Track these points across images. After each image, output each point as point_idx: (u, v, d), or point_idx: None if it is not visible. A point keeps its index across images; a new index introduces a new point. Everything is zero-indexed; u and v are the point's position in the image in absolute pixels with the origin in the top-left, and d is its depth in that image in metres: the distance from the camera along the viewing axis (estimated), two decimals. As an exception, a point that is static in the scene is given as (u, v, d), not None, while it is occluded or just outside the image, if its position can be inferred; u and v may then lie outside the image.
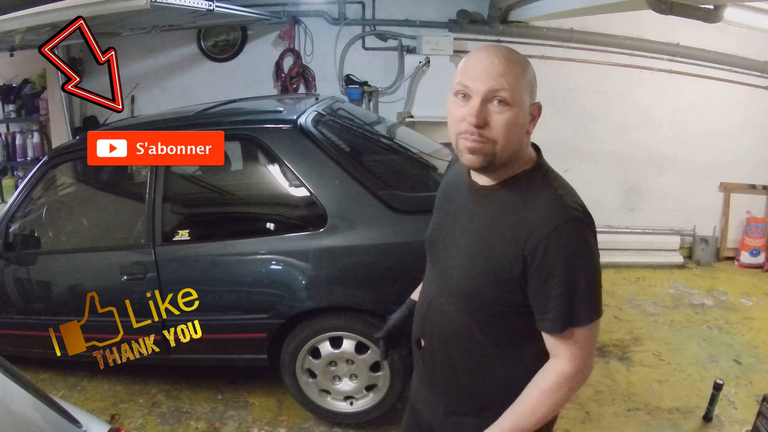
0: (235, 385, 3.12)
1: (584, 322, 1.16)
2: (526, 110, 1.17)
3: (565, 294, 1.13)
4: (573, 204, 1.15)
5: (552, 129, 4.92)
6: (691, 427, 2.81)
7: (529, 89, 1.17)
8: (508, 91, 1.12)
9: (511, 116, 1.14)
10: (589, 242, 1.14)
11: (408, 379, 2.65)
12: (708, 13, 2.68)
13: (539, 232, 1.12)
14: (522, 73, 1.15)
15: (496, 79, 1.12)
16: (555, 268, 1.12)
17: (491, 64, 1.13)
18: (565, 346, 1.17)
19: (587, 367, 1.19)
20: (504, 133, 1.14)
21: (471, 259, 1.23)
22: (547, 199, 1.15)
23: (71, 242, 3.14)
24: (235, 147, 3.05)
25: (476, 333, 1.26)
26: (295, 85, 5.08)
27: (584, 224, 1.14)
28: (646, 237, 5.15)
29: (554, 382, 1.18)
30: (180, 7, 2.95)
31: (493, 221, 1.20)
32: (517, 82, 1.14)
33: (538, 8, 4.09)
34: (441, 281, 1.33)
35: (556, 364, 1.19)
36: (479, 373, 1.30)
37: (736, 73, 4.85)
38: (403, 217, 2.44)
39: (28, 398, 1.45)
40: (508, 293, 1.19)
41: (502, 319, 1.23)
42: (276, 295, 2.55)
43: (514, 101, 1.13)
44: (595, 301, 1.16)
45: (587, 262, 1.14)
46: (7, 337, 3.00)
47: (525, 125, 1.18)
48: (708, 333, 3.80)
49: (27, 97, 4.97)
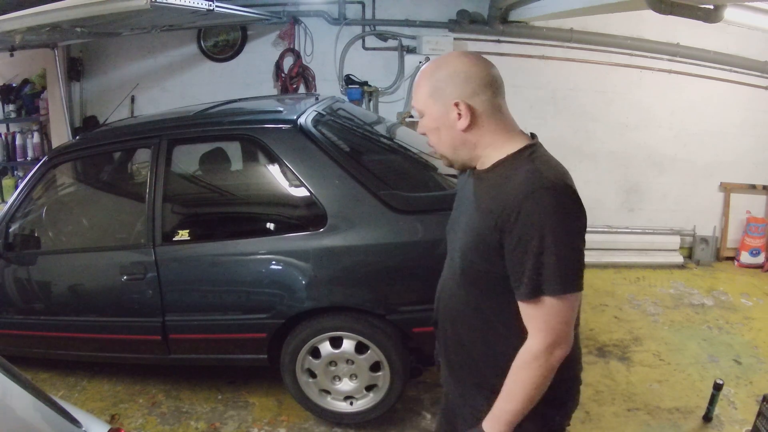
0: (235, 385, 3.12)
1: (555, 292, 1.14)
2: (437, 114, 1.26)
3: (534, 259, 1.13)
4: (549, 176, 1.16)
5: (552, 129, 4.93)
6: (691, 427, 2.81)
7: (434, 95, 1.25)
8: (416, 106, 1.30)
9: (426, 124, 1.30)
10: (561, 211, 1.13)
11: (408, 379, 2.66)
12: (708, 13, 2.67)
13: (513, 200, 1.15)
14: (426, 82, 1.26)
15: (413, 97, 1.32)
16: (526, 235, 1.13)
17: (413, 84, 1.33)
18: (535, 317, 1.18)
19: (558, 343, 1.18)
20: (433, 139, 1.31)
21: (464, 236, 1.30)
22: (525, 171, 1.18)
23: (71, 242, 3.14)
24: (235, 147, 3.06)
25: (476, 308, 1.32)
26: (295, 85, 5.08)
27: (557, 194, 1.13)
28: (646, 237, 5.15)
29: (524, 360, 1.20)
30: (180, 7, 2.95)
31: (480, 199, 1.26)
32: (419, 94, 1.28)
33: (538, 8, 4.09)
34: (449, 263, 1.42)
35: (527, 342, 1.20)
36: (484, 348, 1.34)
37: (736, 73, 4.85)
38: (403, 217, 2.44)
39: (28, 398, 1.45)
40: (493, 265, 1.22)
41: (495, 293, 1.27)
42: (276, 295, 2.55)
43: (423, 111, 1.29)
44: (567, 272, 1.14)
45: (558, 230, 1.12)
46: (7, 337, 3.01)
47: (446, 126, 1.26)
48: (708, 333, 3.80)
49: (27, 97, 4.98)
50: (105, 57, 5.14)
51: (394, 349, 2.54)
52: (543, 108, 4.98)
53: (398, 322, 2.51)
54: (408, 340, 2.56)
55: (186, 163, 2.97)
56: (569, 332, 1.20)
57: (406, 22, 4.94)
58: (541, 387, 1.21)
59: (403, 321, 2.49)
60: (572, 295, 1.16)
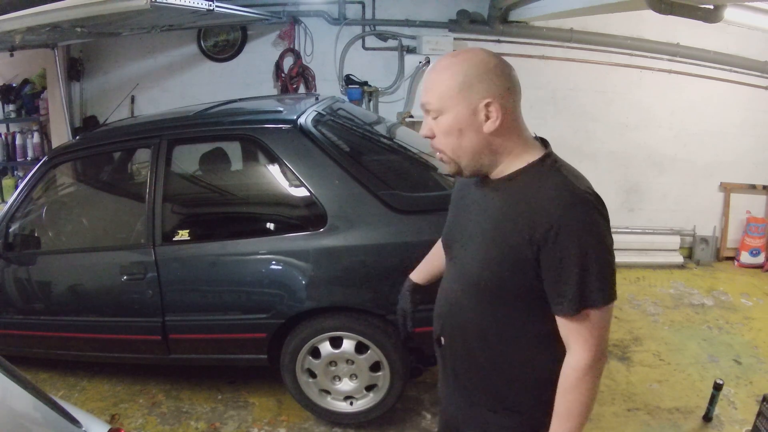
0: (235, 385, 3.12)
1: (598, 304, 1.15)
2: (463, 114, 1.17)
3: (579, 275, 1.13)
4: (583, 188, 1.16)
5: (552, 129, 4.92)
6: (691, 427, 2.81)
7: (463, 92, 1.16)
8: (433, 102, 1.19)
9: (445, 125, 1.19)
10: (599, 224, 1.14)
11: (408, 379, 2.65)
12: (708, 13, 2.68)
13: (550, 215, 1.13)
14: (449, 79, 1.17)
15: (426, 93, 1.21)
16: (567, 250, 1.12)
17: (425, 79, 1.22)
18: (580, 332, 1.17)
19: (603, 353, 1.19)
20: (444, 141, 1.21)
21: (486, 248, 1.24)
22: (556, 184, 1.16)
23: (71, 242, 3.14)
24: (235, 147, 3.06)
25: (494, 324, 1.28)
26: (295, 85, 5.08)
27: (594, 207, 1.15)
28: (646, 237, 5.15)
29: (575, 378, 1.19)
30: (180, 7, 2.95)
31: (506, 210, 1.21)
32: (441, 90, 1.17)
33: (538, 8, 4.09)
34: (459, 276, 1.34)
35: (571, 359, 1.19)
36: (498, 364, 1.31)
37: (736, 73, 4.85)
38: (403, 217, 2.44)
39: (28, 398, 1.45)
40: (523, 278, 1.19)
41: (519, 307, 1.24)
42: (276, 295, 2.55)
43: (443, 110, 1.18)
44: (608, 283, 1.15)
45: (598, 244, 1.14)
46: (7, 337, 3.01)
47: (472, 128, 1.18)
48: (708, 333, 3.80)
49: (27, 97, 4.98)
50: (105, 57, 5.14)
51: (394, 349, 2.54)
52: (543, 108, 4.98)
53: (398, 322, 2.50)
54: (408, 340, 2.56)
55: (186, 163, 2.97)
56: (608, 341, 1.22)
57: (406, 22, 4.94)
58: (595, 398, 1.21)
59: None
60: (612, 304, 1.18)
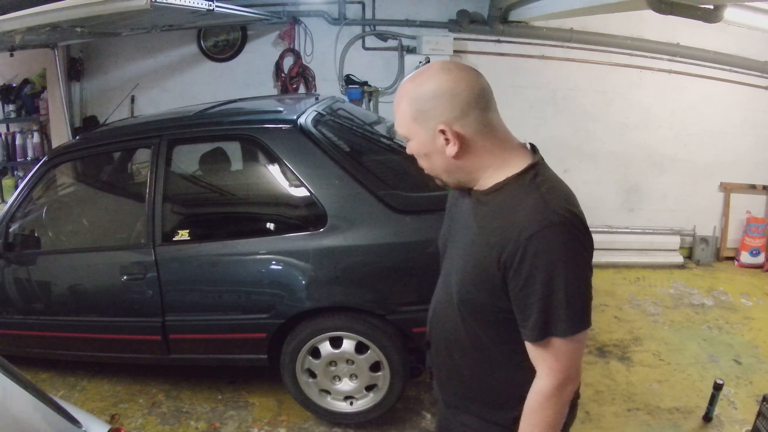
0: (235, 385, 3.12)
1: (564, 333, 1.09)
2: (424, 140, 1.15)
3: (543, 301, 1.07)
4: (557, 208, 1.08)
5: (552, 129, 4.92)
6: (691, 427, 2.81)
7: (417, 120, 1.13)
8: (399, 130, 1.18)
9: (414, 149, 1.20)
10: (570, 248, 1.07)
11: (408, 379, 2.65)
12: (708, 13, 2.67)
13: (517, 237, 1.07)
14: (407, 104, 1.14)
15: (395, 119, 1.20)
16: (532, 275, 1.07)
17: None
18: (544, 358, 1.13)
19: (570, 378, 1.14)
20: (423, 163, 1.21)
21: (463, 264, 1.22)
22: (530, 203, 1.10)
23: (71, 242, 3.14)
24: (235, 147, 3.06)
25: (474, 337, 1.26)
26: (295, 85, 5.08)
27: (566, 230, 1.06)
28: (646, 237, 5.15)
29: (537, 402, 1.15)
30: (180, 7, 2.95)
31: (482, 226, 1.17)
32: (402, 118, 1.16)
33: (538, 8, 4.09)
34: (444, 286, 1.33)
35: (536, 383, 1.16)
36: (480, 376, 1.30)
37: (736, 73, 4.85)
38: (403, 217, 2.44)
39: (28, 398, 1.45)
40: (494, 299, 1.16)
41: (495, 324, 1.21)
42: (276, 295, 2.55)
43: (408, 136, 1.18)
44: (576, 311, 1.09)
45: (569, 270, 1.06)
46: (7, 337, 3.01)
47: (436, 152, 1.15)
48: (708, 333, 3.80)
49: (27, 97, 4.97)
50: (105, 57, 5.14)
51: (394, 349, 2.54)
52: (543, 108, 4.97)
53: (398, 322, 2.51)
54: (408, 340, 2.56)
55: (186, 163, 2.97)
56: (579, 368, 1.16)
57: (406, 22, 4.94)
58: (558, 424, 1.18)
59: (403, 321, 2.49)
60: (582, 333, 1.11)
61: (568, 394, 1.16)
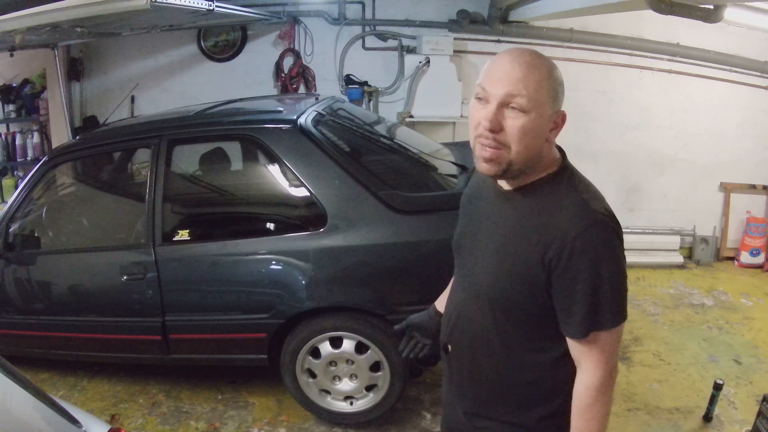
0: (235, 385, 3.12)
1: (609, 326, 1.15)
2: (545, 117, 1.15)
3: (590, 297, 1.13)
4: (598, 208, 1.15)
5: (552, 129, 4.91)
6: (691, 427, 2.81)
7: (552, 96, 1.16)
8: (524, 97, 1.11)
9: (527, 123, 1.12)
10: (614, 246, 1.14)
11: (408, 379, 2.65)
12: (708, 13, 2.67)
13: (564, 236, 1.12)
14: (543, 79, 1.14)
15: (515, 84, 1.11)
16: (580, 272, 1.12)
17: (511, 69, 1.13)
18: (590, 352, 1.17)
19: (613, 370, 1.19)
20: (518, 140, 1.13)
21: (498, 262, 1.23)
22: (572, 203, 1.16)
23: (71, 242, 3.14)
24: (235, 147, 3.06)
25: (505, 336, 1.27)
26: (295, 85, 5.08)
27: (609, 228, 1.14)
28: (646, 237, 5.15)
29: (590, 397, 1.18)
30: (180, 7, 2.95)
31: (519, 224, 1.20)
32: (536, 88, 1.12)
33: (538, 8, 4.08)
34: (468, 286, 1.33)
35: (584, 379, 1.19)
36: (505, 377, 1.30)
37: (736, 73, 4.85)
38: (403, 217, 2.44)
39: (28, 398, 1.46)
40: (533, 295, 1.19)
41: (529, 322, 1.23)
42: (276, 295, 2.55)
43: (530, 107, 1.12)
44: (619, 305, 1.16)
45: (612, 266, 1.13)
46: (7, 337, 3.00)
47: (543, 133, 1.16)
48: (708, 333, 3.80)
49: (27, 97, 4.97)
50: (105, 57, 5.14)
51: (394, 349, 2.53)
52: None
53: (398, 322, 2.50)
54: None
55: (186, 163, 2.97)
56: (618, 357, 1.22)
57: (406, 22, 4.93)
58: (609, 415, 1.21)
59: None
60: (622, 324, 1.17)
61: (613, 383, 1.20)
